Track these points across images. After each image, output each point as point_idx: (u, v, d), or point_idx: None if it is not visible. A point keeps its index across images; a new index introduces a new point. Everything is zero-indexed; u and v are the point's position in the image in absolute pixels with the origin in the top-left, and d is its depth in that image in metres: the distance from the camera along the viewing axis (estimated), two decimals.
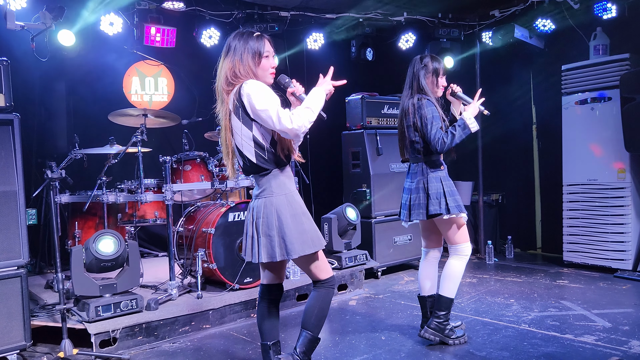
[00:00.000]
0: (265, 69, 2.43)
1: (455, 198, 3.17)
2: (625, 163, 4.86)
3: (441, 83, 3.28)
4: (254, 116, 2.34)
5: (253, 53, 2.39)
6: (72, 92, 5.41)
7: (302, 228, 2.40)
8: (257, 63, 2.40)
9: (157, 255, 5.76)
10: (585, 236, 5.15)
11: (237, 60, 2.39)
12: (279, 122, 2.26)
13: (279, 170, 2.43)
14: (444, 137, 3.11)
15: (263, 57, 2.41)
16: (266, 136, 2.39)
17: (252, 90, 2.32)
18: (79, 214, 4.41)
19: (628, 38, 5.09)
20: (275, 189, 2.42)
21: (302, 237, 2.39)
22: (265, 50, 2.42)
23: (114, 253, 3.48)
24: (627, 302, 4.01)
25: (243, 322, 3.90)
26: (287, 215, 2.39)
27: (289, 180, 2.47)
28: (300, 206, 2.45)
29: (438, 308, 3.25)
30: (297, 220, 2.40)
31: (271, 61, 2.45)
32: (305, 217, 2.44)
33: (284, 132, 2.30)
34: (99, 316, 3.34)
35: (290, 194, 2.44)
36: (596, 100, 5.05)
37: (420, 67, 3.26)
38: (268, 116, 2.28)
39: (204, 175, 4.35)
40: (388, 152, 5.29)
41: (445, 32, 6.05)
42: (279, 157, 2.41)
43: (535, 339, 3.30)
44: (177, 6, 5.11)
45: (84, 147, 4.30)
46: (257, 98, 2.30)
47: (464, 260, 3.25)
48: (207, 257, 3.95)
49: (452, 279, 3.23)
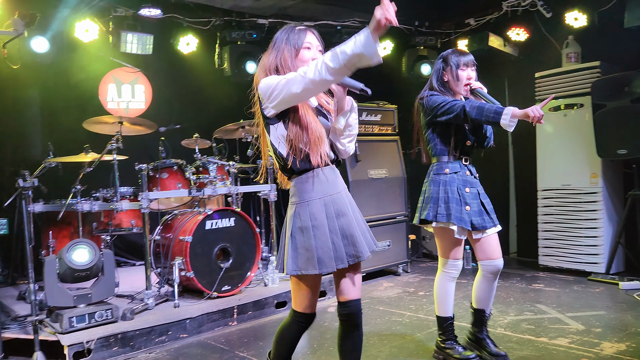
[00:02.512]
0: (304, 61, 2.19)
1: (448, 206, 2.89)
2: (597, 168, 4.96)
3: (463, 76, 2.93)
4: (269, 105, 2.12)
5: (292, 45, 2.21)
6: (46, 100, 5.34)
7: (297, 244, 2.14)
8: (295, 55, 2.20)
9: (133, 264, 5.70)
10: (560, 240, 5.25)
11: (275, 54, 2.22)
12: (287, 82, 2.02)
13: (299, 176, 2.19)
14: (457, 102, 2.81)
15: (302, 48, 2.20)
16: (281, 139, 2.16)
17: (263, 81, 2.14)
18: (53, 223, 4.34)
19: (599, 46, 5.21)
20: (292, 197, 2.23)
21: (297, 253, 2.14)
22: (306, 41, 2.22)
23: (89, 262, 3.43)
24: (599, 305, 4.09)
25: (221, 331, 3.87)
26: (295, 227, 2.16)
27: (311, 186, 2.17)
28: (307, 219, 2.14)
29: (438, 328, 3.12)
30: (299, 235, 2.14)
31: (313, 53, 2.22)
32: (305, 233, 2.13)
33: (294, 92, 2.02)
34: (72, 327, 3.28)
35: (304, 204, 2.16)
36: (569, 107, 5.16)
37: (439, 63, 3.03)
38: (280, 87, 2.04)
39: (181, 183, 4.33)
40: (367, 159, 5.32)
41: (422, 40, 6.12)
42: (295, 163, 2.16)
43: (510, 342, 3.34)
44: (154, 13, 5.09)
45: (58, 155, 4.25)
46: (265, 81, 2.12)
47: (443, 277, 3.04)
48: (185, 265, 3.92)
49: (436, 297, 3.09)
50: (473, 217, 2.92)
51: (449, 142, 2.96)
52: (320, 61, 1.95)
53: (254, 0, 5.29)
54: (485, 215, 2.97)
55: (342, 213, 2.20)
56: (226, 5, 5.40)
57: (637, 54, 4.89)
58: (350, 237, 2.18)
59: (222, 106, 6.07)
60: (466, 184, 2.95)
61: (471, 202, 2.93)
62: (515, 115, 2.66)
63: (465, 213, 2.89)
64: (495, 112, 2.70)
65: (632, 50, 4.92)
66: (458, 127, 2.96)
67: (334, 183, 2.22)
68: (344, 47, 1.89)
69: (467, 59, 2.97)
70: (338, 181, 2.26)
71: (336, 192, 2.22)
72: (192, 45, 5.59)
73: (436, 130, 2.98)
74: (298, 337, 2.29)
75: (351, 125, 2.25)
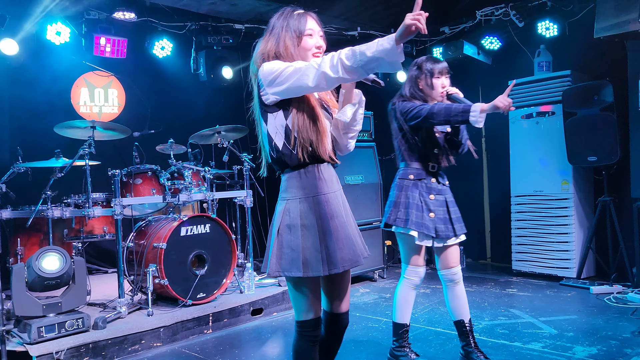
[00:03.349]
0: (307, 49, 2.04)
1: (407, 211, 2.87)
2: (568, 174, 5.07)
3: (438, 84, 2.94)
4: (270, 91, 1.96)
5: (293, 31, 2.03)
6: (15, 103, 5.20)
7: (283, 243, 1.99)
8: (297, 42, 2.03)
9: (106, 272, 5.58)
10: (533, 246, 5.33)
11: (274, 40, 2.04)
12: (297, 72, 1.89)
13: (293, 171, 2.03)
14: (424, 106, 2.82)
15: (305, 36, 2.03)
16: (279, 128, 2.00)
17: (266, 65, 1.98)
18: (21, 230, 4.22)
19: (569, 55, 5.34)
20: (282, 193, 2.07)
21: (283, 252, 1.98)
22: (308, 27, 2.04)
23: (59, 270, 3.35)
24: (571, 309, 4.16)
25: (195, 339, 3.81)
26: (282, 225, 2.01)
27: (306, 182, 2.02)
28: (296, 217, 1.98)
29: (393, 334, 3.08)
30: (286, 233, 1.99)
31: (315, 40, 2.06)
32: (292, 231, 1.97)
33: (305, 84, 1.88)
34: (41, 337, 3.19)
35: (295, 200, 2.00)
36: (541, 114, 5.26)
37: (413, 70, 3.04)
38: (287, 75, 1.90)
39: (156, 189, 4.26)
40: (344, 164, 5.29)
41: None
42: (293, 156, 2.00)
43: (485, 347, 3.36)
44: (129, 16, 5.02)
45: (27, 160, 4.14)
46: (269, 66, 1.96)
47: (404, 283, 2.99)
48: (159, 272, 3.85)
49: (395, 303, 3.04)
50: (437, 224, 2.89)
51: (417, 149, 2.97)
52: (336, 57, 1.82)
53: (231, 5, 5.27)
54: (449, 224, 2.93)
55: (336, 214, 2.02)
56: (202, 9, 5.36)
57: (606, 63, 5.03)
58: (346, 239, 2.01)
59: (197, 111, 6.02)
60: (431, 191, 2.94)
61: (436, 210, 2.91)
62: (484, 109, 2.69)
63: (428, 220, 2.87)
64: (463, 111, 2.72)
65: (601, 59, 5.06)
66: (426, 134, 2.96)
67: (331, 181, 2.06)
68: (364, 49, 1.79)
69: (442, 67, 2.98)
70: (334, 180, 2.10)
71: (332, 192, 2.05)
72: (167, 50, 5.53)
73: (405, 137, 2.98)
74: (312, 353, 2.05)
75: (357, 120, 2.12)
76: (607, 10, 4.48)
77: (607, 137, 4.66)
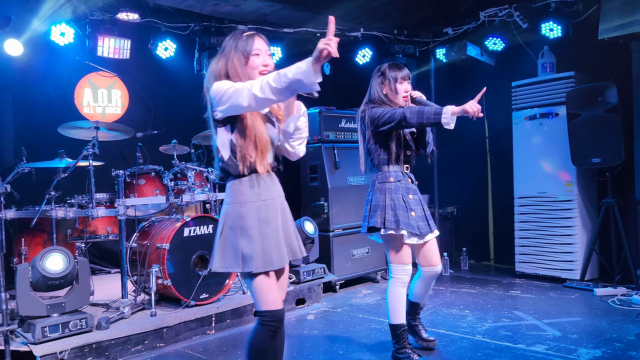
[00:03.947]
0: (254, 67, 2.25)
1: (396, 213, 2.98)
2: (572, 176, 5.06)
3: (401, 89, 3.09)
4: (218, 109, 2.18)
5: (241, 52, 2.25)
6: (20, 104, 5.21)
7: (232, 242, 2.19)
8: (244, 62, 2.24)
9: (109, 272, 5.59)
10: (536, 247, 5.32)
11: (224, 61, 2.27)
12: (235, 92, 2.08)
13: (236, 179, 2.25)
14: (396, 110, 2.94)
15: (252, 55, 2.24)
16: (225, 141, 2.24)
17: (215, 85, 2.19)
18: (25, 230, 4.22)
19: (573, 56, 5.33)
20: (226, 198, 2.28)
21: (225, 250, 2.20)
22: (255, 47, 2.24)
23: (63, 270, 3.35)
24: (575, 311, 4.15)
25: (198, 340, 3.81)
26: (225, 226, 2.23)
27: (247, 189, 2.23)
28: (246, 219, 2.19)
29: (392, 336, 3.14)
30: (229, 233, 2.20)
31: (262, 59, 2.25)
32: (245, 232, 2.18)
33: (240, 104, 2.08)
34: (45, 337, 3.19)
35: (236, 204, 2.22)
36: (544, 116, 5.25)
37: (377, 77, 3.16)
38: (228, 95, 2.10)
39: (159, 190, 4.27)
40: (346, 166, 5.33)
41: (401, 48, 6.18)
42: (236, 167, 2.22)
43: (489, 349, 3.36)
44: (132, 17, 5.03)
45: (31, 161, 4.14)
46: (217, 85, 2.18)
47: (394, 283, 3.07)
48: (162, 273, 3.85)
49: (388, 304, 3.11)
50: (419, 222, 3.06)
51: (390, 152, 3.09)
52: (265, 80, 2.01)
53: (234, 6, 5.27)
54: (427, 221, 3.13)
55: (271, 220, 2.24)
56: (205, 10, 5.37)
57: (610, 64, 5.02)
58: (276, 244, 2.23)
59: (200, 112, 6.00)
60: (409, 191, 3.10)
61: (415, 208, 3.08)
62: (454, 112, 2.84)
63: (412, 219, 3.03)
64: (435, 113, 2.86)
65: (605, 60, 5.05)
66: (398, 137, 3.09)
67: (269, 189, 2.28)
68: (287, 71, 1.96)
69: (404, 73, 3.13)
70: (274, 188, 2.31)
71: (270, 199, 2.27)
72: (171, 51, 5.54)
73: (378, 141, 3.10)
74: (270, 342, 2.20)
75: (300, 128, 2.34)
76: (612, 12, 4.47)
77: (611, 139, 4.64)
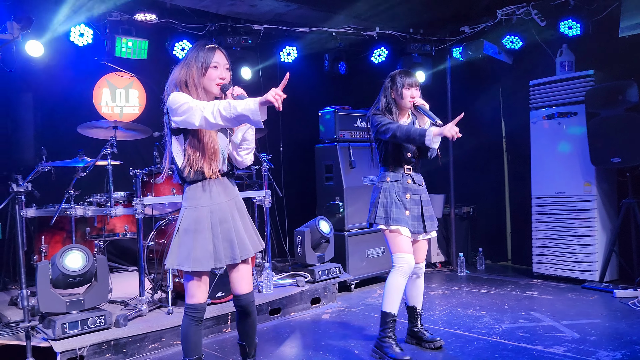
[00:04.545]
0: (212, 79, 2.46)
1: (386, 210, 3.20)
2: (591, 176, 4.99)
3: (407, 95, 3.25)
4: (172, 118, 2.37)
5: (200, 63, 2.44)
6: (40, 104, 5.30)
7: (180, 242, 2.44)
8: (202, 73, 2.44)
9: (127, 270, 5.65)
10: (554, 248, 5.26)
11: (185, 69, 2.46)
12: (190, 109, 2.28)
13: (189, 185, 2.48)
14: (391, 125, 3.16)
15: (210, 67, 2.44)
16: (179, 150, 2.45)
17: (172, 95, 2.38)
18: (45, 228, 4.30)
19: (592, 55, 5.26)
20: (183, 202, 2.52)
21: (174, 250, 2.45)
22: (214, 60, 2.44)
23: (82, 268, 3.40)
24: (594, 313, 4.09)
25: (214, 338, 3.84)
26: (180, 228, 2.46)
27: (199, 194, 2.46)
28: (192, 223, 2.43)
29: (380, 323, 3.27)
30: (183, 235, 2.44)
31: (220, 72, 2.46)
32: (187, 234, 2.42)
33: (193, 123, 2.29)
34: (65, 333, 3.24)
35: (189, 209, 2.46)
36: (563, 115, 5.19)
37: (387, 81, 3.34)
38: (184, 110, 2.30)
39: (175, 189, 4.30)
40: (361, 165, 5.33)
41: (417, 47, 6.15)
42: (188, 174, 2.45)
43: (506, 350, 3.33)
44: (150, 18, 5.08)
45: (51, 160, 4.20)
46: (174, 96, 2.36)
47: (393, 271, 3.22)
48: (178, 271, 3.89)
49: (385, 292, 3.25)
50: (411, 221, 3.26)
51: (390, 154, 3.30)
52: (216, 106, 2.22)
53: (250, 6, 5.30)
54: (421, 221, 3.29)
55: (225, 220, 2.48)
56: (222, 10, 5.40)
57: (631, 62, 4.93)
58: (230, 241, 2.47)
59: None
60: (407, 190, 3.28)
61: (411, 207, 3.27)
62: (435, 134, 3.03)
63: (405, 215, 3.22)
64: (419, 135, 3.06)
65: (626, 59, 4.96)
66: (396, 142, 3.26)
67: (221, 193, 2.49)
68: (237, 104, 2.18)
69: (412, 80, 3.28)
70: (227, 191, 2.52)
71: (222, 202, 2.49)
72: None
73: (380, 143, 3.35)
74: (194, 329, 2.48)
75: (247, 139, 2.56)
76: (633, 9, 4.41)
77: (631, 138, 4.57)
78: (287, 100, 2.40)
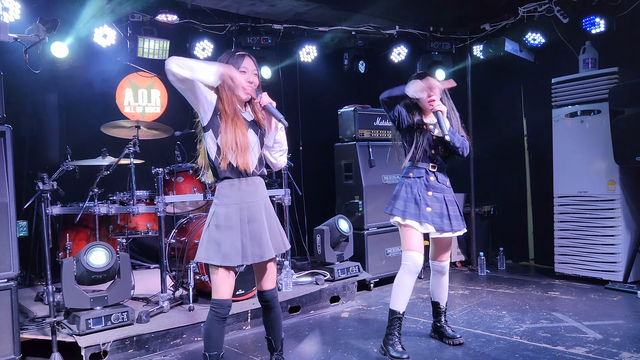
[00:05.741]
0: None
1: (405, 204, 3.22)
2: (615, 175, 4.90)
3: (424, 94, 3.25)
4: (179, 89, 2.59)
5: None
6: (65, 104, 5.41)
7: (209, 237, 2.53)
8: None
9: (148, 267, 5.74)
10: (576, 248, 5.18)
11: None
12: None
13: (223, 182, 2.57)
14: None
15: (239, 72, 2.55)
16: (212, 145, 2.54)
17: None
18: (70, 226, 4.39)
19: (616, 52, 5.16)
20: (215, 199, 2.61)
21: (203, 244, 2.54)
22: (242, 65, 2.57)
23: (106, 265, 3.47)
24: (617, 314, 4.03)
25: (235, 335, 3.88)
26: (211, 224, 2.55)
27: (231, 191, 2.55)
28: (222, 219, 2.52)
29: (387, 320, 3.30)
30: (214, 230, 2.53)
31: (248, 76, 2.57)
32: (218, 230, 2.51)
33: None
34: (89, 329, 3.31)
35: (220, 205, 2.54)
36: (586, 113, 5.11)
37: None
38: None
39: (197, 187, 4.35)
40: (380, 164, 5.32)
41: (437, 45, 6.11)
42: (221, 169, 2.53)
43: (527, 350, 3.31)
44: (171, 19, 5.14)
45: (76, 159, 4.29)
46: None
47: (401, 269, 3.26)
48: (199, 269, 3.94)
49: (392, 290, 3.29)
50: (434, 217, 3.24)
51: (411, 151, 3.33)
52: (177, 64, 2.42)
53: (270, 6, 5.33)
54: (446, 219, 3.27)
55: (254, 219, 2.57)
56: (242, 10, 5.44)
57: None
58: (258, 240, 2.55)
59: None
60: (429, 188, 3.28)
61: (432, 204, 3.26)
62: (417, 87, 3.07)
63: (425, 211, 3.22)
64: (398, 88, 3.14)
65: None
66: (420, 138, 3.28)
67: (252, 192, 2.59)
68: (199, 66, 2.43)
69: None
70: (258, 191, 2.62)
71: (252, 201, 2.58)
72: (208, 51, 5.62)
73: (405, 140, 3.37)
74: (216, 325, 2.55)
75: (279, 142, 2.70)
76: None
77: None
78: (307, 99, 2.43)
